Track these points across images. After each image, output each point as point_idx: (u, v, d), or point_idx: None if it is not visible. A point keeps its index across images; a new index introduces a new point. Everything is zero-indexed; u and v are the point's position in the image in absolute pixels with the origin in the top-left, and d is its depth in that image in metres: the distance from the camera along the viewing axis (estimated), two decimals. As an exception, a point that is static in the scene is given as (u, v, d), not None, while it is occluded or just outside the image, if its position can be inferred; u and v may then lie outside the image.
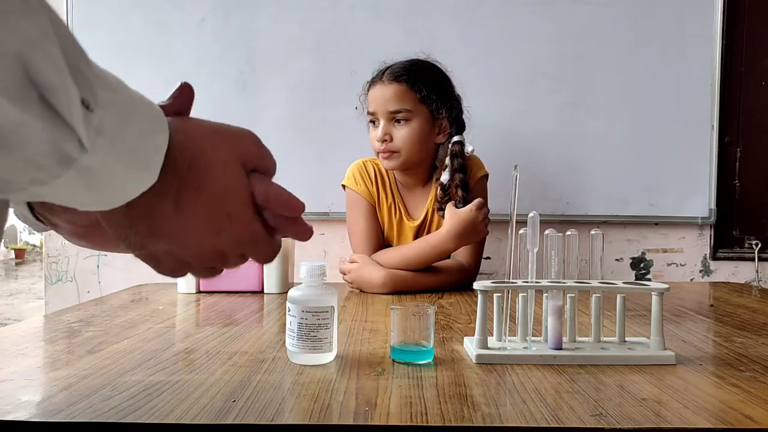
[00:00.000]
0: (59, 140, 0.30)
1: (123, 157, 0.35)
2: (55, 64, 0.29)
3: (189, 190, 0.40)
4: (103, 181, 0.35)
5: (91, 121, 0.32)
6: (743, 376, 0.63)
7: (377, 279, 1.25)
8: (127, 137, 0.35)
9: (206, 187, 0.41)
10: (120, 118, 0.34)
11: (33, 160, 0.30)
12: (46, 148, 0.30)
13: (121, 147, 0.34)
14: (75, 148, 0.31)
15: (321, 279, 0.69)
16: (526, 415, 0.51)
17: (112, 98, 0.34)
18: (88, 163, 0.32)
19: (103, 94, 0.33)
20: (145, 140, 0.36)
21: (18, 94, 0.28)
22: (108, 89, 0.34)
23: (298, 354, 0.67)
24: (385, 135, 1.36)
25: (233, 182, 0.43)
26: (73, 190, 0.34)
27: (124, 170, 0.35)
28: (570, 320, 0.73)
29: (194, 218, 0.41)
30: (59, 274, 1.85)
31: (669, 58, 1.77)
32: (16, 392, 0.58)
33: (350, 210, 1.46)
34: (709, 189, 1.79)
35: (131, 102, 0.36)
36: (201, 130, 0.42)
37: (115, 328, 0.88)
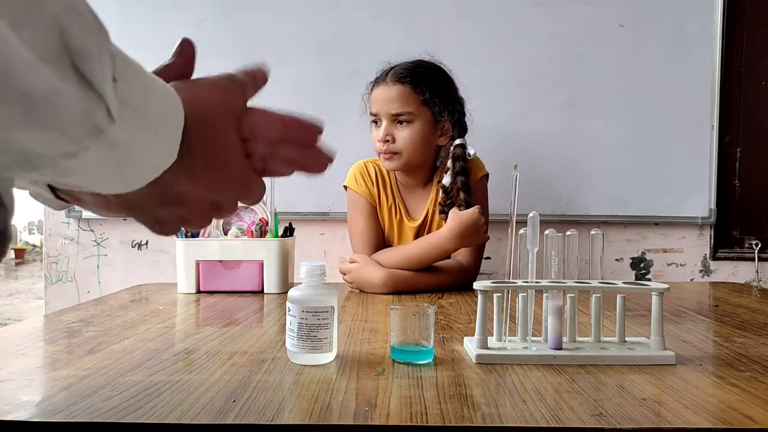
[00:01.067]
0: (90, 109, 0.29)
1: (148, 130, 0.34)
2: (90, 30, 0.29)
3: (200, 161, 0.41)
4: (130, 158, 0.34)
5: (117, 91, 0.31)
6: (743, 376, 0.63)
7: (377, 279, 1.25)
8: (149, 112, 0.34)
9: (213, 156, 0.42)
10: (142, 91, 0.34)
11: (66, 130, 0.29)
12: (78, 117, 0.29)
13: (145, 122, 0.34)
14: (104, 118, 0.30)
15: (321, 279, 0.69)
16: (526, 415, 0.51)
17: (129, 71, 0.33)
18: (116, 136, 0.32)
19: (122, 66, 0.32)
20: (166, 117, 0.36)
21: (56, 59, 0.27)
22: (124, 62, 0.33)
23: (298, 354, 0.67)
24: (387, 136, 1.36)
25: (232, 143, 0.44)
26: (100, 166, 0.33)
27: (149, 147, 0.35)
28: (570, 320, 0.73)
29: (202, 184, 0.43)
30: (59, 274, 1.85)
31: (669, 58, 1.77)
32: (16, 392, 0.58)
33: (351, 210, 1.46)
34: (709, 189, 1.79)
35: (148, 78, 0.36)
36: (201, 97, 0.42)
37: (115, 328, 0.88)
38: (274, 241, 1.25)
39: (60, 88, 0.27)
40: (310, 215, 1.79)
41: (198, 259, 1.25)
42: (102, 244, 1.85)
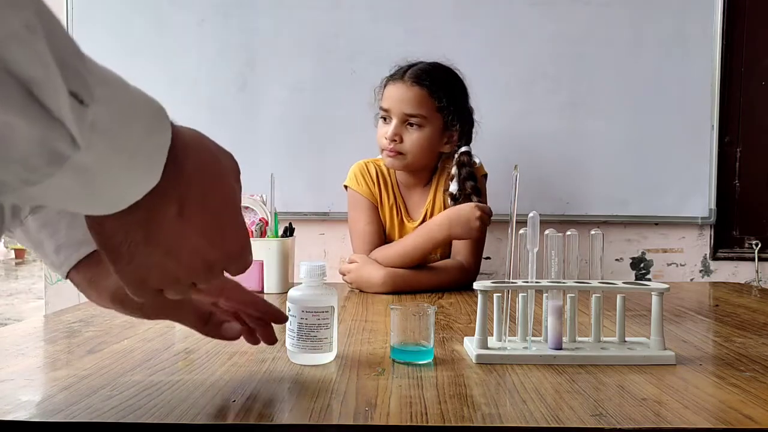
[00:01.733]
0: (49, 138, 0.29)
1: (123, 155, 0.33)
2: (38, 57, 0.28)
3: (196, 195, 0.40)
4: (102, 182, 0.33)
5: (84, 117, 0.30)
6: (743, 376, 0.63)
7: (377, 278, 1.25)
8: (127, 135, 0.34)
9: (213, 195, 0.41)
10: (119, 114, 0.33)
11: (23, 160, 0.29)
12: (35, 147, 0.28)
13: (120, 144, 0.33)
14: (67, 145, 0.30)
15: (321, 279, 0.69)
16: (526, 415, 0.51)
17: (109, 94, 0.32)
18: (84, 162, 0.31)
19: (100, 90, 0.32)
20: (148, 138, 0.35)
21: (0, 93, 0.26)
22: (105, 85, 0.32)
23: (298, 354, 0.67)
24: (395, 135, 1.35)
25: (235, 194, 0.43)
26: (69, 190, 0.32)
27: (124, 170, 0.34)
28: (570, 320, 0.73)
29: (196, 226, 0.40)
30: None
31: (669, 58, 1.77)
32: (16, 392, 0.58)
33: (352, 210, 1.46)
34: (709, 189, 1.79)
35: (131, 98, 0.35)
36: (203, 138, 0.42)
37: (115, 328, 0.88)
38: (274, 241, 1.25)
39: (6, 121, 0.27)
40: (310, 215, 1.79)
41: (198, 259, 1.25)
42: (102, 244, 1.85)
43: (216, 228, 0.42)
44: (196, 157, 0.40)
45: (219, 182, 0.41)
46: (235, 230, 0.44)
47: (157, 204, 0.38)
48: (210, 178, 0.41)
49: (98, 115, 0.31)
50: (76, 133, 0.30)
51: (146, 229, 0.39)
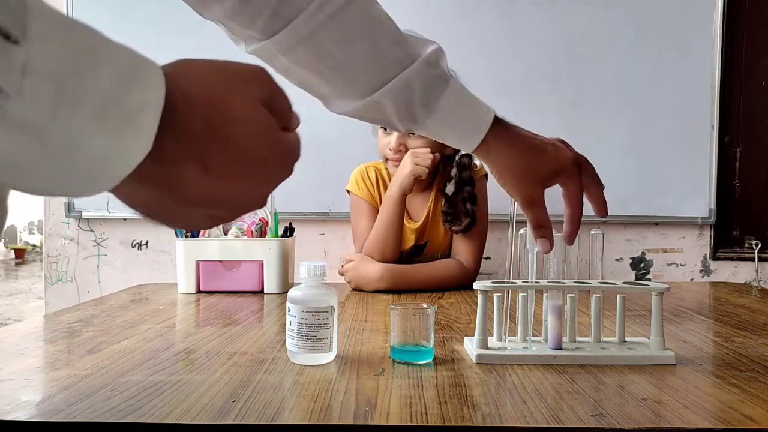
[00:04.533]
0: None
1: (84, 110, 0.27)
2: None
3: (215, 150, 0.34)
4: (63, 146, 0.28)
5: (12, 55, 0.25)
6: (743, 376, 0.63)
7: (374, 274, 1.25)
8: (84, 85, 0.27)
9: (235, 142, 0.35)
10: (72, 60, 0.27)
11: None
12: None
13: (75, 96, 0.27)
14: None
15: (321, 279, 0.69)
16: (526, 415, 0.51)
17: (56, 33, 0.27)
18: (24, 115, 0.25)
19: (40, 26, 0.26)
20: (121, 92, 0.29)
21: None
22: (52, 23, 0.26)
23: (298, 354, 0.67)
24: (400, 146, 1.36)
25: (262, 126, 0.36)
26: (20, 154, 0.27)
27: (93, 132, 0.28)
28: (570, 320, 0.73)
29: (229, 177, 0.35)
30: (59, 274, 1.85)
31: (669, 58, 1.77)
32: (16, 392, 0.58)
33: (354, 213, 1.46)
34: (709, 189, 1.79)
35: (97, 46, 0.28)
36: (208, 76, 0.36)
37: (115, 328, 0.88)
38: (274, 241, 1.26)
39: None
40: (310, 215, 1.79)
41: (198, 259, 1.25)
42: (102, 244, 1.85)
43: (254, 167, 0.36)
44: (203, 110, 0.34)
45: (239, 124, 0.35)
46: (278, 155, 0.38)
47: (171, 171, 0.33)
48: (227, 123, 0.34)
49: (36, 56, 0.25)
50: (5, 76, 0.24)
51: (173, 194, 0.34)
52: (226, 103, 0.35)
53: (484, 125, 0.71)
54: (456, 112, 0.71)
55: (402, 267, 1.28)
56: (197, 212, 0.36)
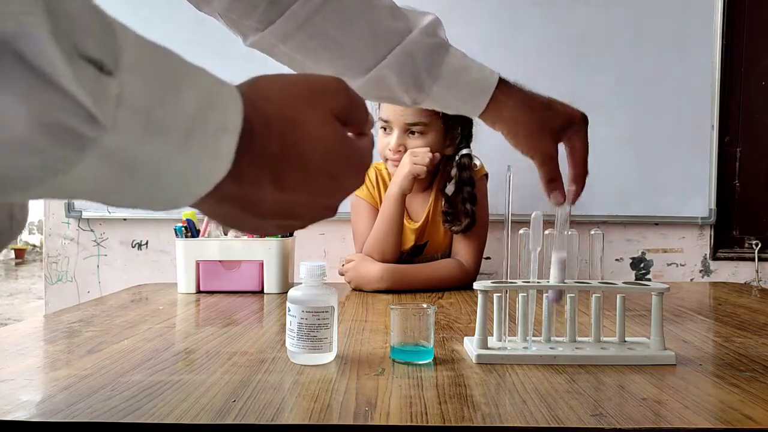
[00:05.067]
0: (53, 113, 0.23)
1: (174, 139, 0.28)
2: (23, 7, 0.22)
3: (290, 169, 0.35)
4: (151, 172, 0.28)
5: (107, 88, 0.25)
6: (743, 376, 0.63)
7: (374, 274, 1.25)
8: (173, 113, 0.28)
9: (308, 159, 0.36)
10: (160, 88, 0.28)
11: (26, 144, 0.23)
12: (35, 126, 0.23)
13: (168, 125, 0.28)
14: (85, 124, 0.24)
15: (321, 279, 0.69)
16: (526, 415, 0.51)
17: (143, 63, 0.27)
18: (116, 145, 0.26)
19: (132, 58, 0.26)
20: (205, 119, 0.29)
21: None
22: (138, 53, 0.27)
23: (298, 354, 0.67)
24: (399, 146, 1.36)
25: (334, 142, 0.37)
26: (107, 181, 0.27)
27: (183, 156, 0.29)
28: (570, 320, 0.73)
29: (302, 192, 0.37)
30: (59, 274, 1.85)
31: (669, 58, 1.77)
32: (16, 392, 0.58)
33: (354, 214, 1.46)
34: (709, 189, 1.79)
35: (181, 71, 0.29)
36: (283, 94, 0.36)
37: (115, 328, 0.88)
38: (274, 241, 1.26)
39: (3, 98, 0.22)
40: (310, 215, 1.78)
41: (198, 259, 1.25)
42: (102, 244, 1.85)
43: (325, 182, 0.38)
44: (279, 131, 0.34)
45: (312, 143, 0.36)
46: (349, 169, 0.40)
47: (247, 191, 0.34)
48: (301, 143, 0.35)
49: (128, 87, 0.26)
50: (94, 107, 0.24)
51: (248, 211, 0.35)
52: (301, 122, 0.35)
53: (491, 84, 0.71)
54: (462, 76, 0.71)
55: (402, 267, 1.28)
56: (269, 224, 0.38)
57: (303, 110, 0.36)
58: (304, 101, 0.36)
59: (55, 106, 0.23)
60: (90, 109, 0.24)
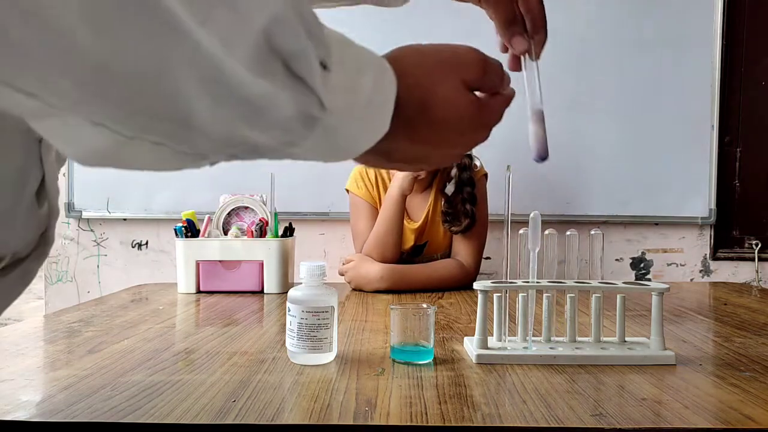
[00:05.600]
0: (304, 104, 0.33)
1: (357, 111, 0.36)
2: (295, 31, 0.31)
3: (422, 129, 0.42)
4: (344, 137, 0.37)
5: (328, 81, 0.33)
6: (743, 376, 0.63)
7: (374, 274, 1.25)
8: (359, 92, 0.36)
9: (439, 124, 0.42)
10: (352, 74, 0.35)
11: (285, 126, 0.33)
12: (292, 113, 0.32)
13: (355, 101, 0.36)
14: (317, 109, 0.33)
15: (321, 279, 0.69)
16: (526, 415, 0.51)
17: (342, 55, 0.35)
18: (330, 121, 0.35)
19: (336, 52, 0.34)
20: (377, 91, 0.37)
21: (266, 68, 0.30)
22: (338, 46, 0.35)
23: (298, 354, 0.67)
24: None
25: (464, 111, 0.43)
26: (320, 148, 0.37)
27: (360, 123, 0.37)
28: (570, 320, 0.73)
29: (432, 145, 0.44)
30: (59, 274, 1.85)
31: (669, 58, 1.77)
32: (16, 392, 0.58)
33: (353, 213, 1.46)
34: (709, 189, 1.79)
35: (360, 57, 0.37)
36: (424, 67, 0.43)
37: (115, 328, 0.88)
38: (274, 241, 1.26)
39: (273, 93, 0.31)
40: (310, 215, 1.79)
41: (198, 259, 1.25)
42: (102, 244, 1.85)
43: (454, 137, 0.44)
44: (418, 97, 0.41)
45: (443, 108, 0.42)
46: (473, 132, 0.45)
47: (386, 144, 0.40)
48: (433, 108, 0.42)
49: (338, 77, 0.34)
50: (324, 97, 0.33)
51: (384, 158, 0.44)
52: (434, 91, 0.42)
53: None
54: None
55: (402, 267, 1.28)
56: (399, 166, 0.46)
57: (436, 80, 0.42)
58: (437, 72, 0.43)
59: (308, 102, 0.33)
60: (324, 102, 0.33)
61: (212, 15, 0.28)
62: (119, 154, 0.31)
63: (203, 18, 0.27)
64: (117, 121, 0.29)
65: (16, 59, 0.24)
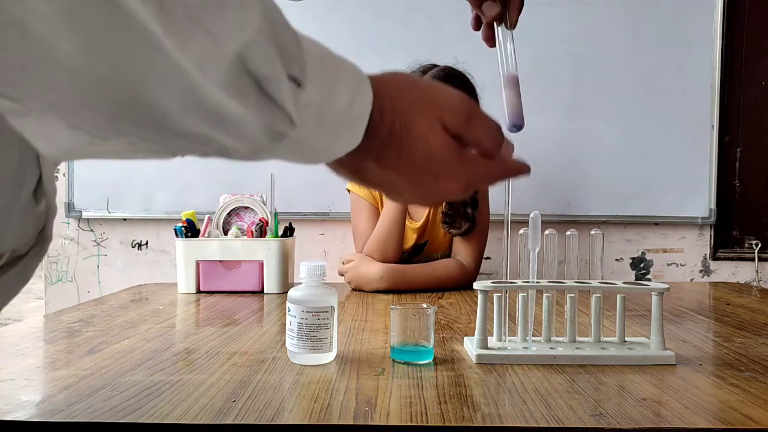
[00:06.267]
0: (272, 121, 0.34)
1: (329, 125, 0.37)
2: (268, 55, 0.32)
3: (390, 154, 0.42)
4: (312, 147, 0.38)
5: (300, 98, 0.35)
6: (743, 376, 0.63)
7: (374, 274, 1.25)
8: (333, 107, 0.37)
9: (407, 153, 0.43)
10: (327, 89, 0.37)
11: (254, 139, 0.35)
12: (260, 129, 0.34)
13: (328, 116, 0.37)
14: (286, 126, 0.35)
15: (321, 279, 0.69)
16: (526, 415, 0.51)
17: (318, 70, 0.36)
18: (298, 136, 0.36)
19: (311, 68, 0.35)
20: (351, 107, 0.38)
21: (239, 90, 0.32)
22: (316, 62, 0.36)
23: (299, 354, 0.67)
24: None
25: (435, 148, 0.43)
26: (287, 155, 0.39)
27: (331, 136, 0.38)
28: (570, 320, 0.73)
29: (399, 175, 0.44)
30: (59, 274, 1.85)
31: (669, 58, 1.77)
32: (16, 392, 0.58)
33: (354, 212, 1.46)
34: (709, 189, 1.79)
35: (338, 72, 0.38)
36: (404, 95, 0.43)
37: (115, 328, 0.88)
38: (274, 241, 1.26)
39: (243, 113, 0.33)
40: (310, 215, 1.79)
41: (198, 259, 1.25)
42: (102, 244, 1.85)
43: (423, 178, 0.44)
44: (390, 120, 0.42)
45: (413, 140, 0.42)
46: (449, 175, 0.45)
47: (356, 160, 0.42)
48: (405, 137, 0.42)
49: (311, 94, 0.35)
50: (294, 114, 0.35)
51: (356, 176, 0.44)
52: (409, 119, 0.42)
53: None
54: None
55: (402, 267, 1.28)
56: (377, 189, 0.47)
57: (413, 111, 0.43)
58: (415, 104, 0.43)
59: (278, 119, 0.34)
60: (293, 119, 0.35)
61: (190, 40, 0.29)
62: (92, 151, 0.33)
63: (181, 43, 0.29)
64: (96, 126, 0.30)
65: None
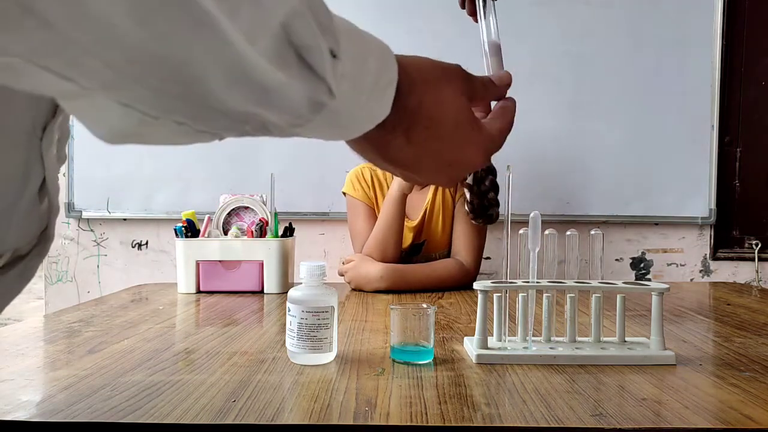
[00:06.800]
0: (313, 91, 0.35)
1: (362, 96, 0.38)
2: (309, 26, 0.33)
3: (420, 126, 0.43)
4: (346, 119, 0.39)
5: (337, 69, 0.35)
6: (743, 376, 0.63)
7: (374, 273, 1.25)
8: (364, 77, 0.38)
9: (438, 125, 0.43)
10: (359, 60, 0.37)
11: (295, 110, 0.35)
12: (304, 101, 0.35)
13: (360, 87, 0.38)
14: (325, 96, 0.36)
15: (321, 279, 0.69)
16: (526, 415, 0.51)
17: (350, 43, 0.37)
18: (335, 107, 0.37)
19: (344, 41, 0.36)
20: (379, 78, 0.39)
21: (283, 60, 0.33)
22: (346, 35, 0.37)
23: (299, 354, 0.67)
24: None
25: (464, 115, 0.45)
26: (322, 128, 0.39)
27: (363, 107, 0.39)
28: (570, 320, 0.73)
29: (426, 150, 0.44)
30: (59, 274, 1.85)
31: (669, 58, 1.77)
32: (16, 392, 0.58)
33: (351, 214, 1.47)
34: (709, 189, 1.79)
35: (365, 44, 0.39)
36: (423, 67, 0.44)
37: (115, 328, 0.88)
38: (274, 241, 1.25)
39: (288, 83, 0.33)
40: (310, 215, 1.79)
41: (198, 259, 1.25)
42: (102, 244, 1.85)
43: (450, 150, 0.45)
44: (420, 92, 0.42)
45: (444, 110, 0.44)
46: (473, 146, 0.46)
47: (384, 135, 0.42)
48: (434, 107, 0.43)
49: (345, 65, 0.36)
50: (333, 84, 0.35)
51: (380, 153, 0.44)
52: (438, 90, 0.43)
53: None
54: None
55: (402, 267, 1.28)
56: (395, 170, 0.46)
57: (440, 81, 0.44)
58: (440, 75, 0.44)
59: (319, 90, 0.35)
60: (332, 89, 0.35)
61: (238, 10, 0.30)
62: (142, 132, 0.33)
63: (231, 12, 0.29)
64: (146, 104, 0.31)
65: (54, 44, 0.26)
